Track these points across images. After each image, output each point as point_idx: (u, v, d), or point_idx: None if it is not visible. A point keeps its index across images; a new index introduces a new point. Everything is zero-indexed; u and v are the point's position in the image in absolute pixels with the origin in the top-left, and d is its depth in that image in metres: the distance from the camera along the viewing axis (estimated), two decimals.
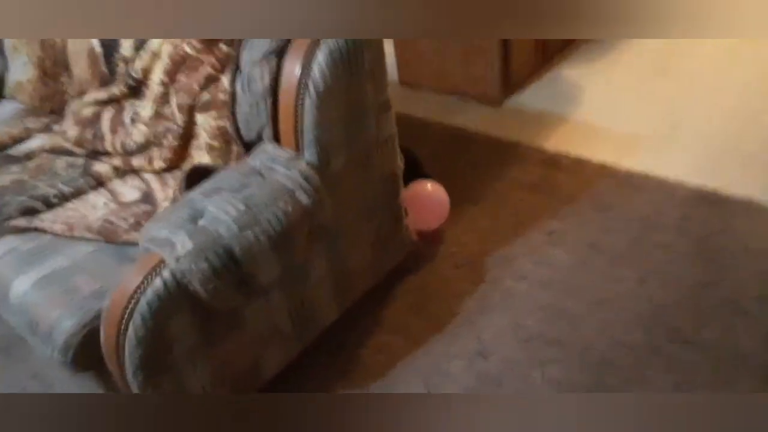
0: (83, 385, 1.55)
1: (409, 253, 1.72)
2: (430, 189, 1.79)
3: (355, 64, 1.31)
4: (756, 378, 1.33)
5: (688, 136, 2.05)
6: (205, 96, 1.42)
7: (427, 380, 1.45)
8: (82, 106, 1.73)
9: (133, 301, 1.12)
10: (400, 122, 2.15)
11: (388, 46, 2.68)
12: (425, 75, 2.53)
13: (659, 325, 1.48)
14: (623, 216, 1.79)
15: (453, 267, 1.74)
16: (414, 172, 1.91)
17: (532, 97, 2.39)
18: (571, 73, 2.49)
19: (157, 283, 1.13)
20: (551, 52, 2.55)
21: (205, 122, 1.45)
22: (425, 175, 1.87)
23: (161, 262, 1.15)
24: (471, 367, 1.47)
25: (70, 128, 1.74)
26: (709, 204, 1.77)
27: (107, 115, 1.67)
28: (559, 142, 2.13)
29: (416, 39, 2.46)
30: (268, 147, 1.34)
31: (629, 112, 2.21)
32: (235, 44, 1.35)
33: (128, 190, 1.55)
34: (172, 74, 1.48)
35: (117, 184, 1.57)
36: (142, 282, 1.13)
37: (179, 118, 1.49)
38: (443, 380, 1.44)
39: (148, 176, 1.59)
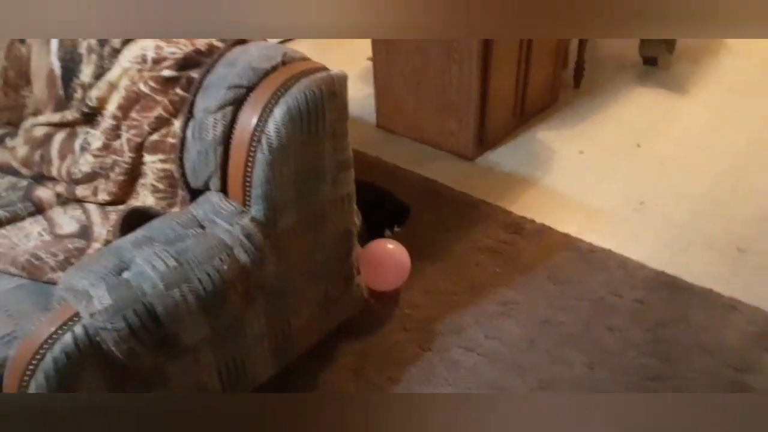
0: None
1: (358, 312, 1.66)
2: (391, 249, 1.74)
3: (314, 123, 1.26)
4: None
5: (654, 217, 2.03)
6: (155, 137, 1.36)
7: None
8: (34, 126, 1.66)
9: (38, 356, 1.05)
10: (373, 166, 2.13)
11: (368, 88, 2.65)
12: (402, 122, 2.50)
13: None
14: (580, 293, 1.75)
15: (402, 330, 1.68)
16: (397, 212, 1.87)
17: (505, 157, 2.36)
18: (547, 136, 2.47)
19: (67, 338, 1.05)
20: (529, 113, 2.53)
21: (152, 163, 1.38)
22: (405, 210, 1.85)
23: (76, 315, 1.08)
24: None
25: (20, 146, 1.67)
26: (667, 290, 1.74)
27: (58, 138, 1.60)
28: (525, 205, 2.10)
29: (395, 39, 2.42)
30: (213, 198, 1.28)
31: (599, 184, 2.20)
32: (192, 90, 1.30)
33: (67, 220, 1.47)
34: (125, 109, 1.42)
35: (56, 213, 1.50)
36: (51, 335, 1.06)
37: (127, 154, 1.42)
38: None
39: (91, 207, 1.51)
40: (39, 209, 1.50)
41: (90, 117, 1.54)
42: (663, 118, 2.56)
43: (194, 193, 1.35)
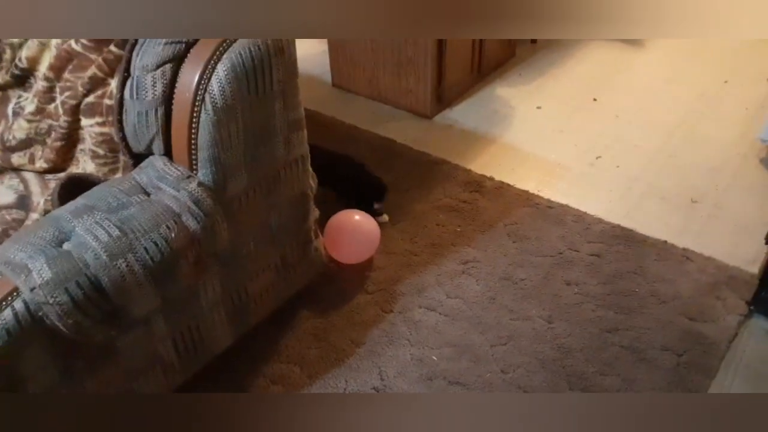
0: None
1: (318, 275, 1.63)
2: (359, 221, 1.69)
3: (261, 80, 1.20)
4: None
5: (610, 171, 2.05)
6: (91, 98, 1.28)
7: None
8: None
9: None
10: (329, 126, 2.06)
11: (322, 45, 2.56)
12: (358, 81, 2.43)
13: (561, 370, 1.45)
14: (538, 249, 1.76)
15: (363, 292, 1.66)
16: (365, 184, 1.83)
17: (463, 114, 2.33)
18: (504, 92, 2.45)
19: (7, 314, 0.99)
20: (486, 70, 2.50)
21: (89, 127, 1.30)
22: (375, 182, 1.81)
23: (15, 290, 1.02)
24: None
25: None
26: (623, 243, 1.77)
27: None
28: (485, 163, 2.08)
29: (353, 40, 2.35)
30: (157, 162, 1.21)
31: (556, 140, 2.19)
32: (128, 47, 1.21)
33: (3, 190, 1.38)
34: (57, 70, 1.32)
35: None
36: None
37: (63, 118, 1.33)
38: None
39: (29, 176, 1.42)
40: None
41: (21, 79, 1.44)
42: (619, 71, 2.56)
43: (137, 158, 1.28)
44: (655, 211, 1.88)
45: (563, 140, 2.19)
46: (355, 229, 1.68)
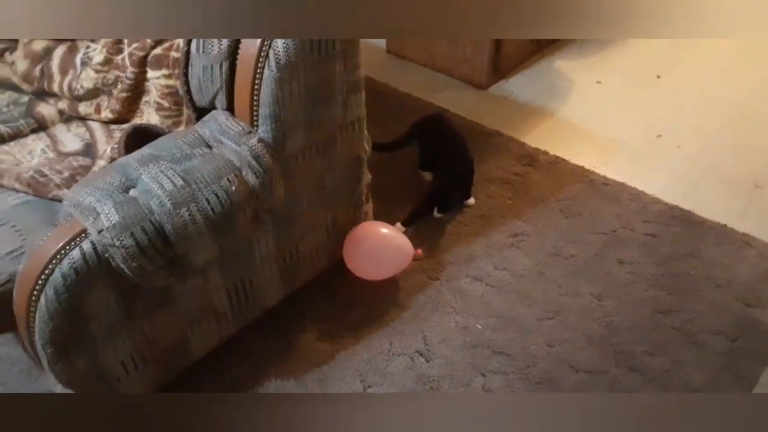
0: (4, 339, 1.47)
1: None
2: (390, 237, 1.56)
3: (323, 40, 1.20)
4: None
5: (670, 151, 1.98)
6: (158, 50, 1.30)
7: (364, 376, 1.40)
8: (33, 39, 1.59)
9: (47, 271, 1.03)
10: (382, 93, 2.05)
11: None
12: (414, 48, 2.40)
13: (609, 348, 1.43)
14: (591, 226, 1.73)
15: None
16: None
17: (519, 86, 2.28)
18: (563, 65, 2.38)
19: (76, 254, 1.04)
20: (545, 42, 2.43)
21: (155, 79, 1.33)
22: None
23: (83, 232, 1.06)
24: (412, 368, 1.41)
25: (19, 61, 1.60)
26: (681, 224, 1.72)
27: (58, 52, 1.53)
28: (539, 136, 2.04)
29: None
30: (220, 116, 1.23)
31: (615, 116, 2.13)
32: None
33: (70, 138, 1.43)
34: None
35: (60, 130, 1.46)
36: (60, 251, 1.04)
37: (130, 69, 1.37)
38: (380, 378, 1.39)
39: (94, 125, 1.47)
40: (41, 126, 1.46)
41: None
42: (684, 49, 2.45)
43: (200, 112, 1.30)
44: (715, 194, 1.82)
45: (623, 117, 2.13)
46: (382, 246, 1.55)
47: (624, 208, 1.77)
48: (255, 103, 1.20)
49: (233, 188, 1.14)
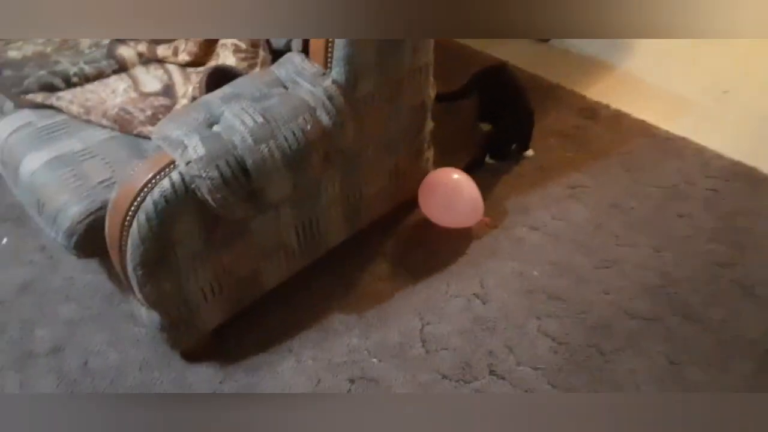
0: (88, 267, 1.59)
1: None
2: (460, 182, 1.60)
3: None
4: (753, 363, 1.32)
5: (736, 108, 1.94)
6: None
7: (422, 315, 1.46)
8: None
9: (139, 198, 1.12)
10: (442, 44, 2.04)
11: None
12: None
13: (665, 298, 1.45)
14: (652, 180, 1.72)
15: None
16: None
17: (582, 39, 2.25)
18: None
19: (165, 183, 1.12)
20: None
21: None
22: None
23: (171, 163, 1.13)
24: (468, 309, 1.47)
25: None
26: (742, 180, 1.70)
27: None
28: (601, 90, 2.02)
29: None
30: (295, 58, 1.28)
31: (680, 73, 2.09)
32: None
33: (150, 79, 1.50)
34: None
35: (139, 71, 1.53)
36: (150, 180, 1.12)
37: None
38: (438, 318, 1.45)
39: (172, 68, 1.53)
40: (122, 67, 1.53)
41: None
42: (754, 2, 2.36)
43: (275, 54, 1.35)
44: None
45: (688, 73, 2.08)
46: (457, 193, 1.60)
47: (686, 163, 1.76)
48: (330, 44, 1.23)
49: (308, 127, 1.19)
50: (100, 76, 1.50)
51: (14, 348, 1.43)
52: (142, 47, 1.56)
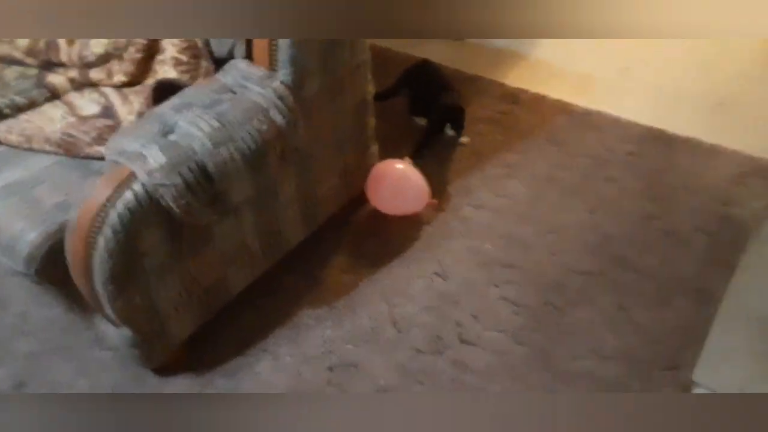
0: (42, 301, 1.54)
1: None
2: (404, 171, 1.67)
3: None
4: (690, 299, 1.47)
5: (640, 81, 2.14)
6: None
7: (389, 299, 1.52)
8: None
9: (102, 214, 1.12)
10: None
11: None
12: None
13: (606, 253, 1.59)
14: (577, 151, 1.87)
15: None
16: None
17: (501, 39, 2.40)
18: None
19: (128, 195, 1.12)
20: None
21: None
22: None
23: (131, 176, 1.14)
24: (431, 287, 1.54)
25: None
26: (657, 142, 1.88)
27: None
28: (518, 77, 2.17)
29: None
30: (240, 64, 1.32)
31: (584, 54, 2.27)
32: None
33: (86, 103, 1.49)
34: None
35: (74, 97, 1.51)
36: (112, 195, 1.12)
37: None
38: (404, 299, 1.52)
39: (108, 90, 1.52)
40: (55, 95, 1.51)
41: None
42: None
43: (217, 63, 1.38)
44: (685, 114, 1.98)
45: (590, 53, 2.27)
46: (402, 181, 1.68)
47: (604, 133, 1.92)
48: (274, 48, 1.28)
49: (264, 127, 1.23)
50: (32, 105, 1.48)
51: None
52: (74, 73, 1.54)
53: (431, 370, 1.37)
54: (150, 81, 1.49)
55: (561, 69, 2.21)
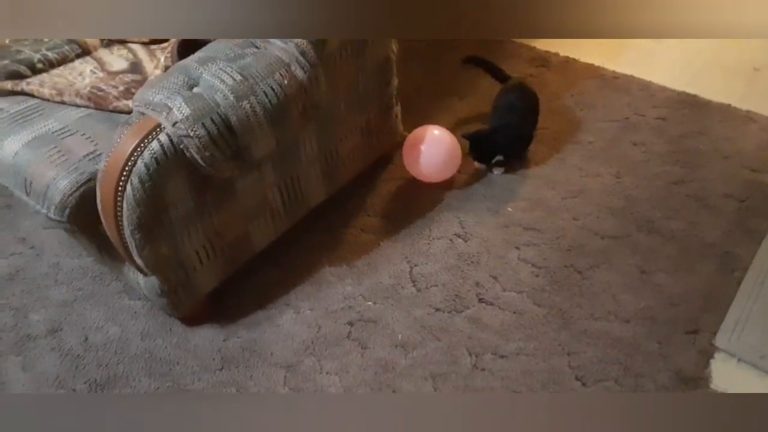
0: (73, 252, 1.60)
1: (396, 144, 1.75)
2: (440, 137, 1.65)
3: None
4: (715, 264, 1.45)
5: (673, 46, 2.08)
6: None
7: (410, 258, 1.53)
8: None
9: (130, 163, 1.14)
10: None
11: None
12: None
13: (630, 217, 1.57)
14: (605, 115, 1.84)
15: None
16: None
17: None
18: None
19: (155, 146, 1.15)
20: None
21: None
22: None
23: (158, 127, 1.16)
24: (451, 248, 1.55)
25: None
26: (688, 107, 1.83)
27: None
28: (548, 41, 2.13)
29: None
30: None
31: None
32: None
33: (115, 59, 1.52)
34: None
35: (103, 53, 1.54)
36: (139, 144, 1.15)
37: None
38: (425, 259, 1.53)
39: (135, 46, 1.55)
40: (85, 51, 1.54)
41: None
42: None
43: None
44: (718, 79, 1.93)
45: None
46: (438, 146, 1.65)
47: (634, 97, 1.88)
48: None
49: (286, 82, 1.24)
50: (64, 61, 1.51)
51: (11, 334, 1.43)
52: None
53: (449, 328, 1.38)
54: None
55: None
